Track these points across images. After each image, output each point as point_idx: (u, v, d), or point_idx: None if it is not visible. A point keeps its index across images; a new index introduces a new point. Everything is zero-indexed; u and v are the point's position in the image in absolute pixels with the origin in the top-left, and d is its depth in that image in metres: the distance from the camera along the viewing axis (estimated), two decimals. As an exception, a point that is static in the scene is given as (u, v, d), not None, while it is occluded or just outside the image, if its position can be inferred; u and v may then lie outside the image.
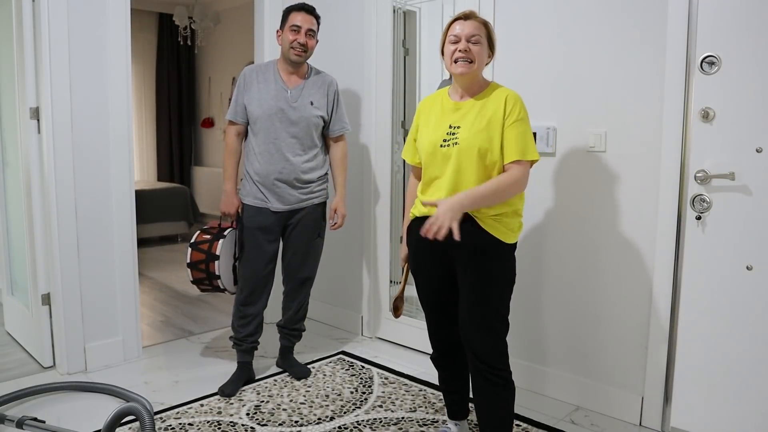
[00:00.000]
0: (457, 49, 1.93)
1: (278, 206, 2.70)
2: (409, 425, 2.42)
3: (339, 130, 2.83)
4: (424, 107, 2.09)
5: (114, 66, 2.91)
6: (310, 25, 2.66)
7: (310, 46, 2.67)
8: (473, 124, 1.91)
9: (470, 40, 1.92)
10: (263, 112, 2.65)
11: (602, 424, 2.46)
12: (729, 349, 2.12)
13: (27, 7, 2.74)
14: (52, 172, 2.77)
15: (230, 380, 2.77)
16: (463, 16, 1.97)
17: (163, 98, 7.11)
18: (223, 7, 6.72)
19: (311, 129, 2.71)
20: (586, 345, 2.58)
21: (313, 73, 2.78)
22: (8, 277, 3.53)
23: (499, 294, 1.93)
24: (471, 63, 1.92)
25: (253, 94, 2.68)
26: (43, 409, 2.54)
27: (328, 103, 2.77)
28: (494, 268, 1.92)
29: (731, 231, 2.09)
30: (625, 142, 2.39)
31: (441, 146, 1.94)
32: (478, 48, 1.93)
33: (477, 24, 1.95)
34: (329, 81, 2.81)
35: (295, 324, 2.92)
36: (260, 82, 2.70)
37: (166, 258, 5.52)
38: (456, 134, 1.93)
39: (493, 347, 1.92)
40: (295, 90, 2.69)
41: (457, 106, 1.98)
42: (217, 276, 2.69)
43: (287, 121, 2.66)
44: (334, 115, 2.81)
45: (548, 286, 2.67)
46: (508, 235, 1.93)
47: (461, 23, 1.95)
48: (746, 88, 2.02)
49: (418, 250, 2.06)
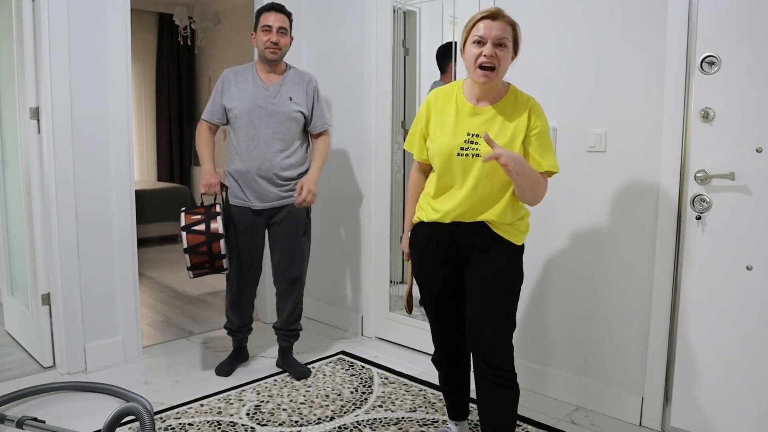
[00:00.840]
0: (482, 53, 1.77)
1: (258, 204, 2.74)
2: (409, 425, 2.42)
3: (320, 126, 2.86)
4: (437, 101, 1.94)
5: (114, 66, 2.91)
6: (281, 24, 2.71)
7: (283, 44, 2.72)
8: (497, 136, 1.82)
9: (497, 44, 1.77)
10: (243, 108, 2.70)
11: (602, 424, 2.46)
12: (729, 349, 2.12)
13: (27, 7, 2.74)
14: (52, 172, 2.77)
15: (226, 361, 2.96)
16: (491, 15, 1.78)
17: (163, 98, 7.10)
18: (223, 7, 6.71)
19: (291, 125, 2.74)
20: (586, 345, 2.58)
21: (291, 70, 2.83)
22: (8, 277, 3.53)
23: (508, 294, 1.92)
24: (494, 70, 1.78)
25: (232, 93, 2.74)
26: (43, 409, 2.54)
27: (307, 99, 2.80)
28: (504, 268, 1.91)
29: (731, 231, 2.09)
30: (625, 142, 2.39)
31: (459, 155, 1.84)
32: (504, 53, 1.78)
33: (504, 25, 1.78)
34: (308, 78, 2.84)
35: (291, 324, 2.93)
36: (239, 82, 2.75)
37: (166, 258, 5.52)
38: (477, 144, 1.83)
39: (499, 348, 1.90)
40: (273, 87, 2.74)
41: (476, 111, 1.87)
42: (223, 255, 2.58)
43: (267, 116, 2.70)
44: (315, 112, 2.83)
45: (548, 286, 2.67)
46: (518, 237, 1.92)
47: (487, 23, 1.77)
48: (746, 88, 2.02)
49: (424, 255, 2.01)
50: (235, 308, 2.89)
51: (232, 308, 2.90)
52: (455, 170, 1.87)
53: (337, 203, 3.59)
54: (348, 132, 3.47)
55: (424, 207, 2.00)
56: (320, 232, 3.71)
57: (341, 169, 3.53)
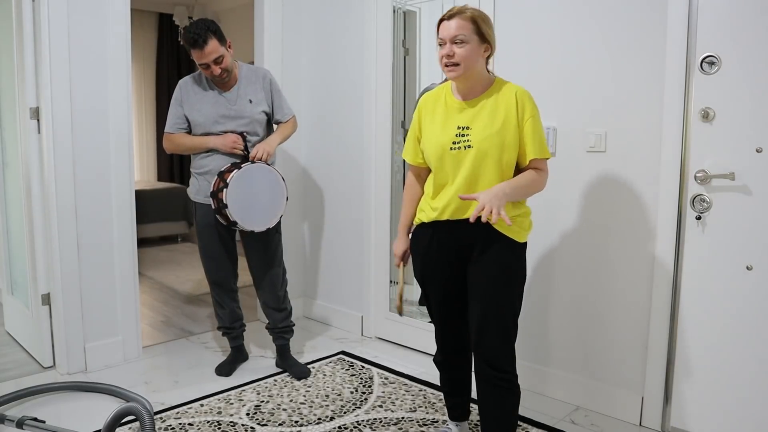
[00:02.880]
0: (443, 53, 1.84)
1: None
2: (409, 425, 2.42)
3: (282, 117, 2.87)
4: (426, 105, 2.01)
5: (114, 66, 2.91)
6: (215, 55, 2.59)
7: (226, 67, 2.66)
8: (487, 126, 1.86)
9: (454, 42, 1.82)
10: (205, 120, 2.70)
11: (602, 424, 2.46)
12: (729, 349, 2.12)
13: (27, 6, 2.74)
14: (52, 172, 2.77)
15: (226, 361, 2.96)
16: (447, 15, 1.85)
17: (163, 98, 7.10)
18: (223, 7, 6.72)
19: (255, 125, 2.76)
20: (586, 345, 2.58)
21: (245, 70, 2.81)
22: (8, 277, 3.53)
23: (513, 294, 1.92)
24: (458, 66, 1.83)
25: (192, 104, 2.73)
26: (43, 409, 2.54)
27: (266, 95, 2.81)
28: (509, 267, 1.90)
29: (731, 231, 2.09)
30: (625, 142, 2.39)
31: (451, 149, 1.88)
32: (463, 49, 1.82)
33: (461, 22, 1.82)
34: (263, 74, 2.83)
35: (282, 322, 2.93)
36: (196, 92, 2.74)
37: (166, 258, 5.52)
38: (467, 136, 1.87)
39: (503, 349, 1.90)
40: (231, 93, 2.74)
41: (463, 106, 1.91)
42: (225, 204, 2.56)
43: (231, 123, 2.71)
44: (275, 105, 2.84)
45: (548, 286, 2.67)
46: (521, 234, 1.92)
47: (444, 25, 1.85)
48: (746, 88, 2.03)
49: (426, 256, 2.01)
50: (219, 306, 2.91)
51: (218, 306, 2.92)
52: (449, 164, 1.90)
53: (337, 203, 3.59)
54: (348, 132, 3.47)
55: (425, 208, 2.00)
56: (320, 232, 3.71)
57: (341, 169, 3.53)
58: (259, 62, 3.53)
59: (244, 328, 3.03)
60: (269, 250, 2.84)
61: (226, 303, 2.89)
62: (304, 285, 3.83)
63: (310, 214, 3.76)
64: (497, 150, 1.84)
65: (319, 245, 3.73)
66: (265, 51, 3.51)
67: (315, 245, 3.76)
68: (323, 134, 3.62)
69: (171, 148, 2.83)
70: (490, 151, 1.84)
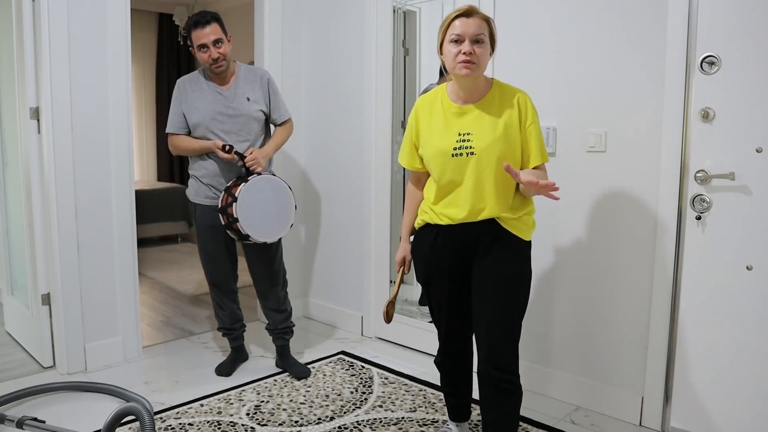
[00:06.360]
0: (460, 51, 1.78)
1: None
2: (409, 425, 2.42)
3: (280, 118, 2.87)
4: (423, 109, 1.97)
5: (114, 66, 2.91)
6: (215, 36, 2.62)
7: (225, 53, 2.66)
8: (489, 131, 1.83)
9: (474, 40, 1.79)
10: (203, 117, 2.70)
11: (602, 424, 2.46)
12: (729, 349, 2.12)
13: (27, 6, 2.74)
14: (52, 173, 2.77)
15: (226, 361, 2.97)
16: (465, 12, 1.80)
17: (163, 98, 7.09)
18: (223, 7, 6.71)
19: (253, 124, 2.76)
20: (586, 345, 2.58)
21: (243, 69, 2.81)
22: (8, 277, 3.53)
23: (519, 294, 1.92)
24: (476, 65, 1.79)
25: (190, 103, 2.73)
26: (43, 409, 2.54)
27: (264, 95, 2.81)
28: (515, 267, 1.90)
29: (731, 231, 2.09)
30: (625, 142, 2.39)
31: (453, 155, 1.84)
32: (482, 49, 1.80)
33: (479, 21, 1.80)
34: (261, 73, 2.84)
35: (283, 323, 2.93)
36: (194, 90, 2.74)
37: (166, 258, 5.52)
38: (469, 142, 1.84)
39: (508, 351, 1.89)
40: (228, 91, 2.73)
41: (462, 110, 1.88)
42: (235, 219, 2.54)
43: (229, 121, 2.71)
44: (273, 105, 2.84)
45: (547, 286, 2.67)
46: (525, 232, 1.92)
47: (463, 21, 1.79)
48: (746, 88, 2.02)
49: (430, 256, 1.99)
50: (219, 308, 2.91)
51: (218, 308, 2.92)
52: (451, 170, 1.87)
53: (337, 203, 3.59)
54: (348, 132, 3.46)
55: (427, 211, 1.98)
56: (320, 231, 3.71)
57: (341, 169, 3.53)
58: (258, 62, 3.53)
59: (245, 328, 3.03)
60: (269, 251, 2.84)
61: (226, 304, 2.89)
62: (304, 285, 3.84)
63: (310, 213, 3.76)
64: (501, 156, 1.82)
65: (319, 245, 3.73)
66: (264, 51, 3.51)
67: (315, 245, 3.76)
68: (323, 134, 3.62)
69: (174, 151, 2.85)
70: (493, 156, 1.82)
